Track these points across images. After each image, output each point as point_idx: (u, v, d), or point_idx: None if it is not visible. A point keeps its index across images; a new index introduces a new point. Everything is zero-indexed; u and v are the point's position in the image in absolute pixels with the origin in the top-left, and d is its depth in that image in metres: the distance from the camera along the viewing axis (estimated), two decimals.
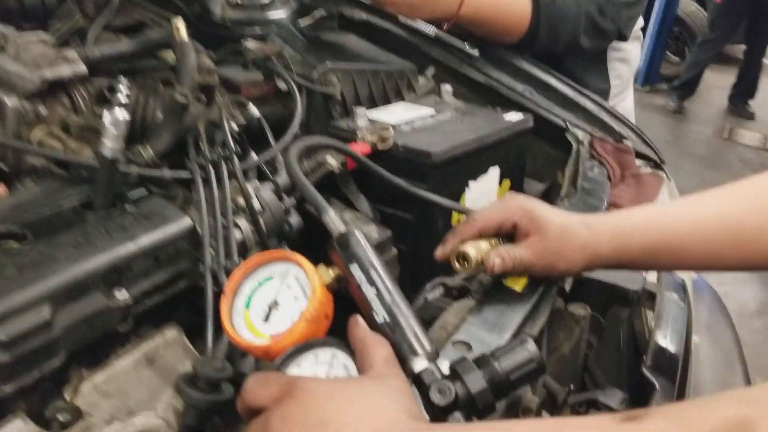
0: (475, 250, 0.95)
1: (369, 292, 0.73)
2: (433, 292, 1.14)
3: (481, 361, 0.65)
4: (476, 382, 0.63)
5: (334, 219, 0.81)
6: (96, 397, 0.84)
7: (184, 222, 0.99)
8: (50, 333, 0.80)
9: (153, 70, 1.36)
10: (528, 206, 0.96)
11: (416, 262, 1.28)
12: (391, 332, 0.69)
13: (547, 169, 1.63)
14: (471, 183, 1.33)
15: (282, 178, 1.20)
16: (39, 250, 0.85)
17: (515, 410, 0.80)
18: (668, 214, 0.96)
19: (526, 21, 1.71)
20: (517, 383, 0.64)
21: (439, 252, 0.99)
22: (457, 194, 1.32)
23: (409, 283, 1.30)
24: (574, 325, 1.02)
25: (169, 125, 1.14)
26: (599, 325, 1.08)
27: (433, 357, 0.68)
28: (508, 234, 0.97)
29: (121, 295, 0.88)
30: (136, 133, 1.20)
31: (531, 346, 0.66)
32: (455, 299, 1.08)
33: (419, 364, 0.67)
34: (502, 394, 0.64)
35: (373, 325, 0.71)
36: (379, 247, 1.22)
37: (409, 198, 1.25)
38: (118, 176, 0.99)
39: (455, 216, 1.31)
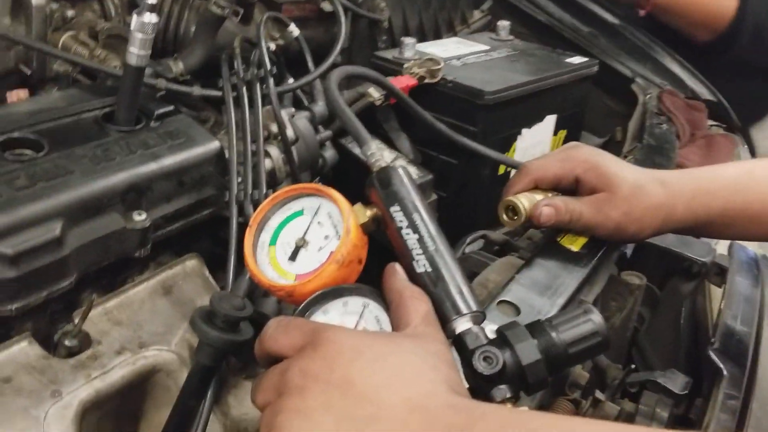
0: (526, 201, 0.85)
1: (410, 237, 0.64)
2: (472, 246, 1.06)
3: (535, 329, 0.57)
4: (529, 352, 0.54)
5: (376, 152, 0.72)
6: (107, 325, 0.78)
7: (212, 145, 0.91)
8: (61, 251, 0.73)
9: None
10: (595, 159, 0.86)
11: (457, 211, 1.20)
12: (433, 285, 0.61)
13: (604, 123, 1.51)
14: (524, 130, 1.23)
15: (319, 108, 1.11)
16: (54, 162, 0.78)
17: (561, 386, 0.72)
18: (757, 174, 0.85)
19: (728, 16, 1.49)
20: (576, 358, 0.56)
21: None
22: (508, 142, 1.22)
23: (447, 234, 1.22)
24: (628, 294, 0.93)
25: (203, 39, 1.06)
26: (654, 297, 0.99)
27: (479, 319, 0.60)
28: (569, 189, 0.87)
29: (140, 217, 0.81)
30: (167, 47, 1.11)
31: (596, 317, 0.57)
32: (497, 255, 0.99)
33: (462, 325, 0.59)
34: (556, 369, 0.55)
35: (412, 275, 0.62)
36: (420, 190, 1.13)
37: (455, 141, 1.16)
38: (144, 88, 0.91)
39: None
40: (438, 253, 0.63)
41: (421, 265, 0.62)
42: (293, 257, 0.70)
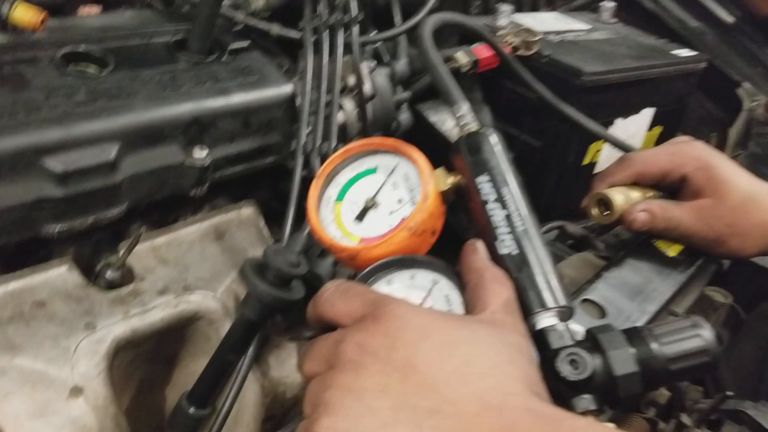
0: (622, 197, 0.76)
1: (497, 213, 0.56)
2: (547, 236, 0.98)
3: (634, 336, 0.49)
4: (624, 361, 0.46)
5: (466, 114, 0.64)
6: (152, 262, 0.73)
7: (285, 88, 0.84)
8: (113, 177, 0.68)
9: None
10: (708, 158, 0.76)
11: (532, 198, 1.11)
12: (517, 270, 0.53)
13: (698, 127, 1.39)
14: (618, 120, 1.13)
15: (400, 66, 1.03)
16: (118, 81, 0.73)
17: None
18: None
19: None
20: (677, 376, 0.48)
21: (584, 201, 0.81)
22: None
23: None
24: (711, 311, 0.83)
25: None
26: (738, 319, 0.89)
27: (566, 316, 0.52)
28: (673, 188, 0.78)
29: (201, 154, 0.75)
30: None
31: (707, 333, 0.49)
32: (573, 250, 0.91)
33: (546, 320, 0.51)
34: (652, 385, 0.47)
35: (494, 256, 0.55)
36: None
37: (541, 120, 1.06)
38: (220, 19, 0.85)
39: (592, 153, 1.11)
40: (527, 235, 0.55)
41: (506, 246, 0.55)
42: (360, 218, 0.63)
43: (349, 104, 0.90)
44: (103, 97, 0.70)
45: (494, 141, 0.61)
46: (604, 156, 1.15)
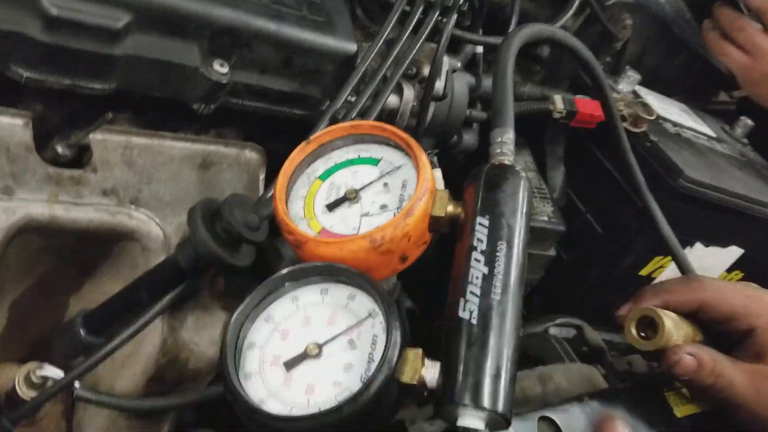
0: (672, 323, 0.61)
1: (477, 267, 0.45)
2: (558, 329, 0.84)
3: None
4: None
5: (507, 143, 0.52)
6: (116, 158, 0.64)
7: (348, 45, 0.74)
8: (110, 48, 0.59)
9: None
10: None
11: (567, 283, 0.97)
12: (466, 344, 0.42)
13: None
14: (698, 244, 0.97)
15: (490, 82, 0.91)
16: None
17: None
18: None
19: None
20: None
21: (623, 309, 0.67)
22: None
23: (543, 303, 1.00)
24: None
25: None
26: None
27: (498, 425, 0.39)
28: (725, 337, 0.63)
29: (221, 69, 0.66)
30: None
31: None
32: (581, 359, 0.77)
33: (470, 419, 0.39)
34: None
35: (451, 314, 0.43)
36: (540, 236, 0.92)
37: (614, 206, 0.92)
38: None
39: (654, 266, 0.96)
40: (499, 310, 0.43)
41: (467, 311, 0.42)
42: (332, 207, 0.53)
43: (409, 92, 0.79)
44: None
45: (522, 183, 0.49)
46: (666, 275, 0.99)
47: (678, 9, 1.16)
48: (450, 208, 0.50)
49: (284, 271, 0.51)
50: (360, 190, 0.53)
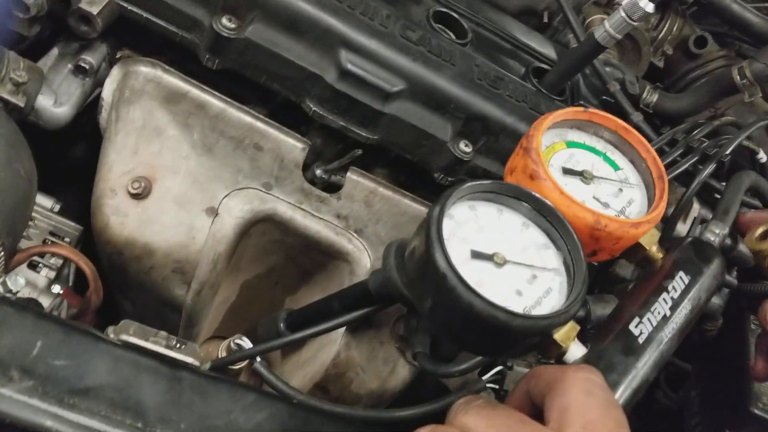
0: None
1: (662, 305, 0.56)
2: None
3: None
4: None
5: (721, 233, 0.67)
6: (359, 196, 0.75)
7: None
8: (381, 105, 0.72)
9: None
10: None
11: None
12: (624, 349, 0.53)
13: None
14: None
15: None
16: (455, 50, 0.76)
17: None
18: None
19: None
20: None
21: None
22: None
23: None
24: None
25: (697, 96, 0.90)
26: None
27: None
28: None
29: (465, 148, 0.75)
30: (666, 78, 0.99)
31: None
32: None
33: None
34: None
35: (618, 327, 0.54)
36: None
37: None
38: (594, 76, 0.83)
39: None
40: (663, 340, 0.54)
41: (638, 327, 0.54)
42: (568, 172, 0.60)
43: None
44: (427, 47, 0.74)
45: (722, 269, 0.61)
46: None
47: None
48: (655, 249, 0.59)
49: (502, 182, 0.55)
50: (597, 177, 0.60)
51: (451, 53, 0.76)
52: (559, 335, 0.49)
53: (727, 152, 0.80)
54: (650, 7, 0.73)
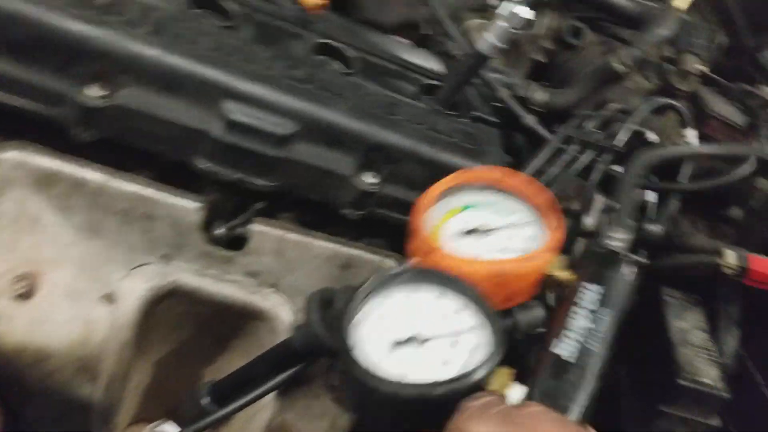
0: None
1: (579, 320, 0.54)
2: None
3: None
4: None
5: (623, 238, 0.63)
6: (269, 247, 0.71)
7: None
8: (276, 150, 0.68)
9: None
10: None
11: None
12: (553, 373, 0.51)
13: None
14: None
15: (653, 228, 0.88)
16: (344, 81, 0.74)
17: None
18: None
19: None
20: None
21: None
22: None
23: None
24: None
25: (583, 86, 0.92)
26: None
27: None
28: None
29: (370, 179, 0.72)
30: (550, 75, 1.01)
31: None
32: None
33: None
34: None
35: (542, 352, 0.52)
36: (701, 400, 0.83)
37: None
38: (483, 86, 0.83)
39: None
40: (592, 355, 0.52)
41: (564, 348, 0.52)
42: (462, 234, 0.61)
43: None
44: (316, 83, 0.71)
45: (631, 275, 0.59)
46: None
47: None
48: (564, 275, 0.57)
49: (409, 266, 0.55)
50: (491, 230, 0.61)
51: (341, 86, 0.73)
52: (495, 386, 0.47)
53: (620, 140, 0.82)
54: (530, 14, 0.73)
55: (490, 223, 0.62)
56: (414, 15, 1.02)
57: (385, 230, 0.78)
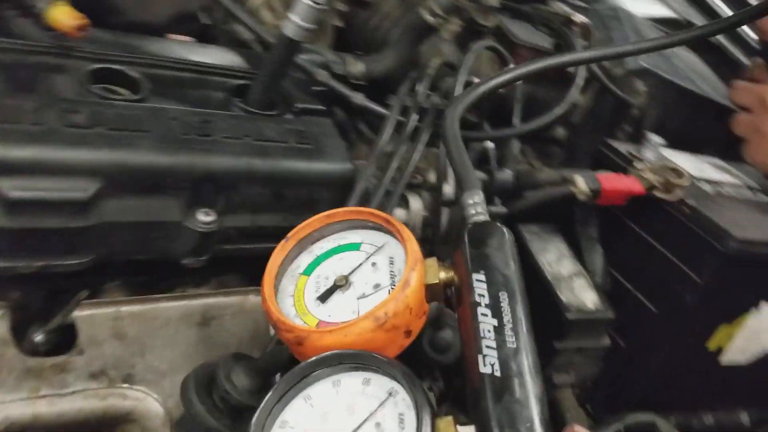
0: None
1: (486, 321, 0.44)
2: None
3: None
4: None
5: (478, 204, 0.53)
6: (105, 333, 0.59)
7: (343, 166, 0.69)
8: (81, 220, 0.55)
9: None
10: None
11: (631, 374, 0.87)
12: (496, 397, 0.42)
13: None
14: (764, 306, 0.87)
15: (504, 176, 0.85)
16: (135, 112, 0.61)
17: None
18: None
19: None
20: None
21: None
22: (734, 312, 0.86)
23: (608, 401, 0.90)
24: None
25: (400, 47, 0.85)
26: None
27: None
28: None
29: (205, 218, 0.61)
30: (358, 41, 0.93)
31: None
32: None
33: None
34: None
35: (473, 374, 0.43)
36: (586, 326, 0.83)
37: (666, 282, 0.83)
38: (300, 73, 0.73)
39: (720, 338, 0.86)
40: (517, 356, 0.43)
41: (488, 365, 0.43)
42: (324, 297, 0.51)
43: (416, 203, 0.73)
44: (105, 124, 0.58)
45: (504, 238, 0.50)
46: (738, 344, 0.89)
47: (696, 69, 1.10)
48: (443, 274, 0.49)
49: (292, 372, 0.46)
50: (349, 275, 0.52)
51: (136, 118, 0.60)
52: None
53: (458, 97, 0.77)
54: None
55: (344, 270, 0.53)
56: (186, 5, 0.89)
57: (235, 262, 0.68)
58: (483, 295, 0.46)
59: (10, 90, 0.57)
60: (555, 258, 0.89)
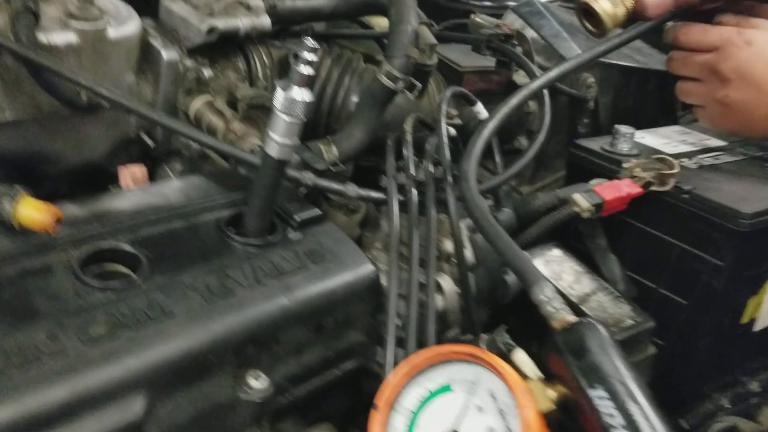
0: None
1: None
2: None
3: None
4: None
5: (553, 299, 0.50)
6: None
7: (365, 269, 0.65)
8: None
9: (354, 38, 1.04)
10: None
11: (678, 369, 0.87)
12: None
13: None
14: None
15: (504, 216, 0.83)
16: (150, 295, 0.55)
17: None
18: None
19: None
20: None
21: None
22: (759, 280, 0.88)
23: (665, 398, 0.90)
24: None
25: (365, 118, 0.82)
26: None
27: None
28: None
29: (258, 385, 0.55)
30: (319, 123, 0.89)
31: None
32: None
33: None
34: None
35: None
36: (632, 342, 0.82)
37: (686, 273, 0.84)
38: (281, 185, 0.68)
39: (752, 309, 0.87)
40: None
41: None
42: None
43: (447, 283, 0.70)
44: (128, 325, 0.51)
45: (602, 334, 0.48)
46: (766, 309, 0.91)
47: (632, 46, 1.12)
48: (553, 394, 0.47)
49: None
50: (456, 427, 0.48)
51: (154, 303, 0.54)
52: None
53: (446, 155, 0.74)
54: (310, 96, 0.59)
55: (447, 423, 0.48)
56: (122, 132, 0.83)
57: (294, 407, 0.63)
58: (612, 415, 0.44)
59: (9, 317, 0.50)
60: (573, 279, 0.87)
